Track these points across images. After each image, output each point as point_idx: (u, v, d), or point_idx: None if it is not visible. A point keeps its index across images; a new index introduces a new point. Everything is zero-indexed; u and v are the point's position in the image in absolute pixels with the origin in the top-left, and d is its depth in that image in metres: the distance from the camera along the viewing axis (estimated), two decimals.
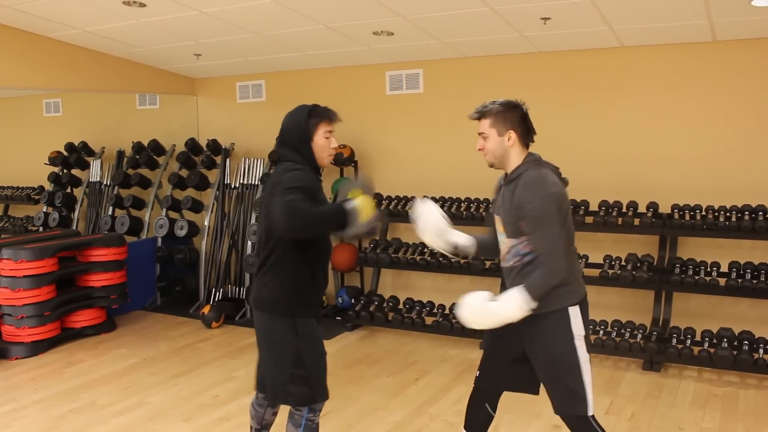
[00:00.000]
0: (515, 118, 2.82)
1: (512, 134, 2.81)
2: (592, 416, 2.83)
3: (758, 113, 5.20)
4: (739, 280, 4.92)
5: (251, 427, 3.33)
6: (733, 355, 4.75)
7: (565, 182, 2.90)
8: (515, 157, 2.84)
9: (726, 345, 4.82)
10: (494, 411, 3.16)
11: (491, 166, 2.92)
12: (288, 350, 2.89)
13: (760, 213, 5.00)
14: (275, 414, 3.28)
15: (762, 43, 5.12)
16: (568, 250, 2.77)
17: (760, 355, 4.74)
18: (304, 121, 2.92)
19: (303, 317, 2.92)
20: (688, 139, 5.44)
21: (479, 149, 2.90)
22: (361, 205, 2.80)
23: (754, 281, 4.89)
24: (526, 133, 2.85)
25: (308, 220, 2.71)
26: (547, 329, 2.79)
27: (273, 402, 3.10)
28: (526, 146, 2.87)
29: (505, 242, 2.89)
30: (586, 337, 2.84)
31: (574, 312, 2.80)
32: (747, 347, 4.81)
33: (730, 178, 5.31)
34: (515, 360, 2.98)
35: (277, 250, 2.89)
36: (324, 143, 2.95)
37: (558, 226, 2.69)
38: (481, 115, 2.87)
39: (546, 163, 2.85)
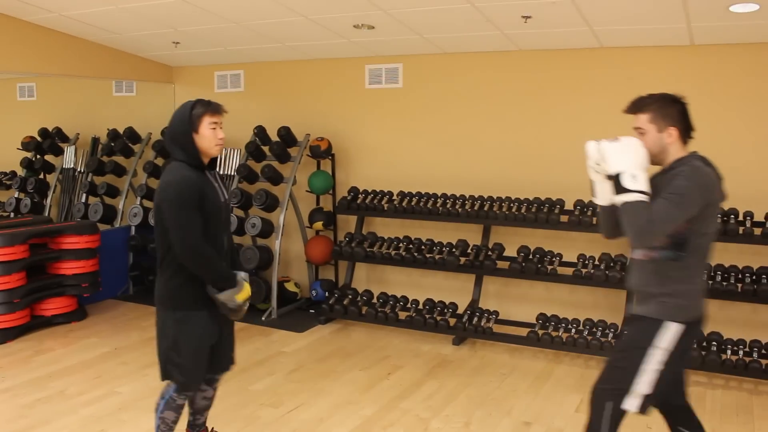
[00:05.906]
0: (676, 113, 2.66)
1: (673, 131, 2.65)
2: (624, 412, 2.65)
3: (735, 118, 5.26)
4: (709, 282, 4.99)
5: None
6: (702, 355, 4.82)
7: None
8: (674, 154, 2.67)
9: (695, 345, 4.89)
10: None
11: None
12: (167, 335, 3.10)
13: (732, 216, 5.07)
14: (205, 399, 3.40)
15: (739, 49, 5.18)
16: (703, 251, 2.62)
17: (728, 356, 4.81)
18: (188, 114, 3.01)
19: (186, 311, 3.07)
20: None
21: None
22: (244, 289, 3.10)
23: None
24: (686, 129, 2.68)
25: (199, 263, 2.97)
26: (637, 326, 2.71)
27: (161, 376, 3.24)
28: (685, 143, 2.70)
29: None
30: (675, 355, 2.60)
31: (675, 329, 2.59)
32: (715, 348, 4.88)
33: None
34: None
35: (170, 251, 3.03)
36: (210, 134, 3.05)
37: (677, 212, 2.49)
38: (638, 109, 2.70)
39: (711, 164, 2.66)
